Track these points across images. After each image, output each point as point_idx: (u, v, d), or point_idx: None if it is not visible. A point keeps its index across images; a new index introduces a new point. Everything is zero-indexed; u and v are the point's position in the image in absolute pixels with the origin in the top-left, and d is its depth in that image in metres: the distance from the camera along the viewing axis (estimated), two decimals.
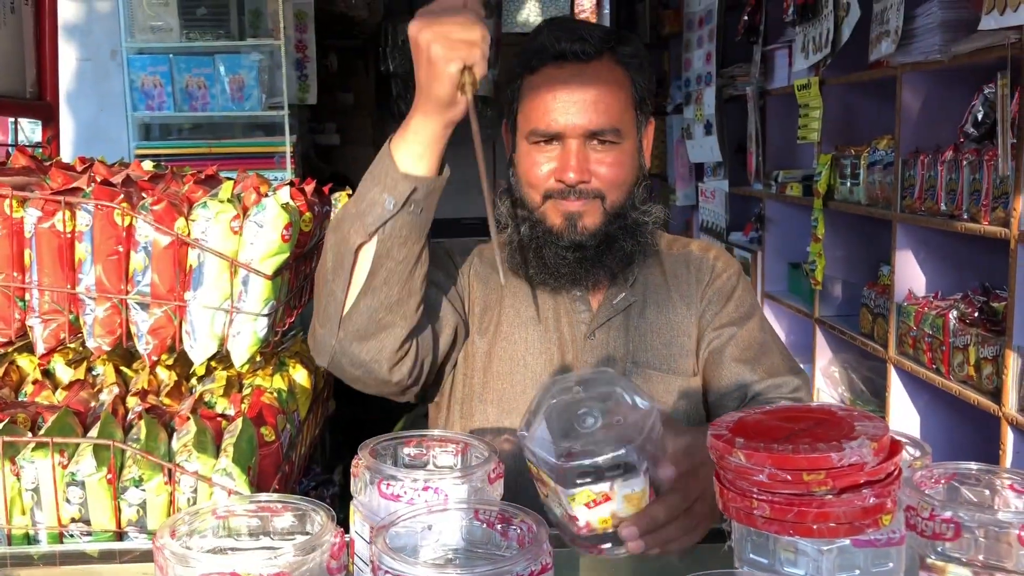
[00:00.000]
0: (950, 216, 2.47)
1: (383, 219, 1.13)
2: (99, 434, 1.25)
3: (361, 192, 1.16)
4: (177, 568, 0.70)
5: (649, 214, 1.36)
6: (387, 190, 1.13)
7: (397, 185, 1.13)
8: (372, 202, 1.14)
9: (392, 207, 1.13)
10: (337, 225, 1.19)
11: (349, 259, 1.16)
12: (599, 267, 1.34)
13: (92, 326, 1.26)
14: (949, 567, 0.78)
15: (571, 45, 1.29)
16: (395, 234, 1.14)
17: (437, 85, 1.07)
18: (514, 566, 0.68)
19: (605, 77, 1.30)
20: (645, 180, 1.38)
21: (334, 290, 1.19)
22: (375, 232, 1.14)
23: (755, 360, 1.37)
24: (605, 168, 1.30)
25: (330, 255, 1.19)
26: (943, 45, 2.42)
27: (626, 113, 1.32)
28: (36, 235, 1.23)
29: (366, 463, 0.88)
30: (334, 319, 1.19)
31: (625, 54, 1.33)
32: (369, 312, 1.18)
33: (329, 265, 1.19)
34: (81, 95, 4.07)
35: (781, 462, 0.71)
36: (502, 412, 1.35)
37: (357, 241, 1.15)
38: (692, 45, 4.49)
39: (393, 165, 1.13)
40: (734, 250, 4.21)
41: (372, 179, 1.15)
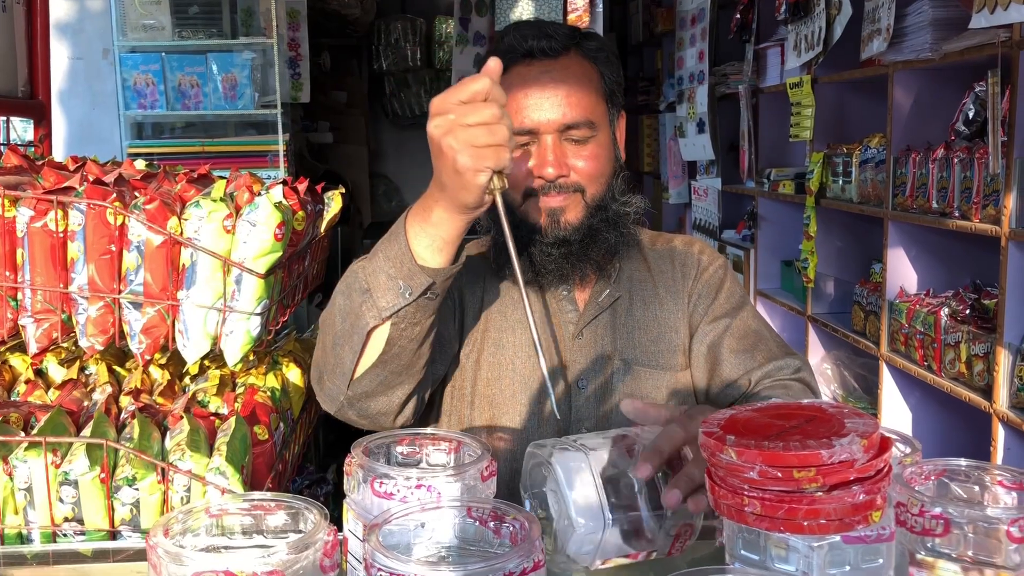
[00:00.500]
0: (941, 214, 2.48)
1: (397, 307, 1.10)
2: (92, 433, 1.24)
3: (376, 266, 1.11)
4: (170, 567, 0.70)
5: (630, 204, 1.37)
6: (403, 278, 1.09)
7: (414, 277, 1.09)
8: (386, 287, 1.10)
9: (409, 297, 1.09)
10: (348, 290, 1.15)
11: (360, 337, 1.13)
12: (585, 261, 1.34)
13: (85, 325, 1.26)
14: (939, 563, 0.79)
15: (538, 42, 1.31)
16: (409, 318, 1.12)
17: (465, 194, 1.03)
18: (507, 563, 0.68)
19: (574, 71, 1.32)
20: (622, 171, 1.39)
21: (342, 356, 1.16)
22: (389, 318, 1.11)
23: (753, 348, 1.37)
24: (583, 161, 1.31)
25: (338, 318, 1.16)
26: (934, 43, 2.43)
27: (598, 106, 1.34)
28: (28, 234, 1.23)
29: (359, 461, 0.88)
30: (343, 378, 1.17)
31: (591, 48, 1.35)
32: (379, 378, 1.17)
33: (338, 327, 1.16)
34: (73, 94, 4.06)
35: (772, 459, 0.72)
36: (493, 416, 1.35)
37: (370, 324, 1.11)
38: (685, 43, 4.50)
39: (410, 255, 1.09)
40: (727, 248, 4.22)
41: (387, 258, 1.11)
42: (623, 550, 0.96)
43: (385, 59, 6.27)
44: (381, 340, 1.13)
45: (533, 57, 1.31)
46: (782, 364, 1.36)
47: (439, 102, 1.02)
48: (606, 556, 0.96)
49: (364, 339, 1.13)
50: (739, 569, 0.70)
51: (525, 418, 1.34)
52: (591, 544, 0.94)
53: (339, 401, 1.20)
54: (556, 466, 0.95)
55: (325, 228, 1.74)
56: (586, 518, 0.93)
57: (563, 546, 0.94)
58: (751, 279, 3.97)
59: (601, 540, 0.94)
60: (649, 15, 5.42)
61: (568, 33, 1.34)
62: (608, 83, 1.36)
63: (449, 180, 1.03)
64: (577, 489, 0.94)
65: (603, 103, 1.35)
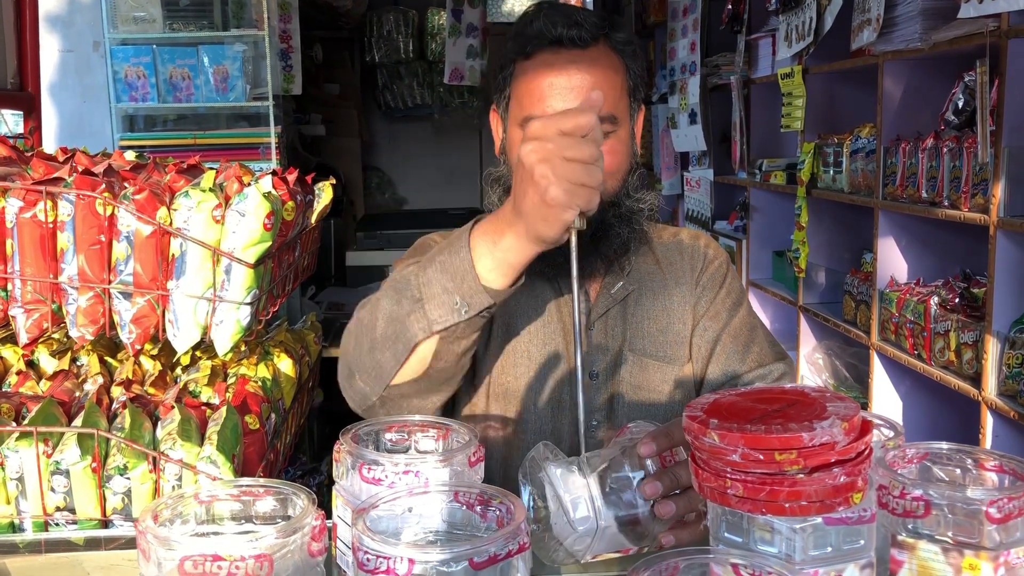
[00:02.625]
0: (931, 203, 2.49)
1: (451, 323, 1.07)
2: (84, 423, 1.25)
3: (432, 277, 1.07)
4: (160, 551, 0.71)
5: (644, 201, 1.35)
6: (461, 295, 1.05)
7: (474, 296, 1.05)
8: (440, 300, 1.06)
9: (465, 314, 1.06)
10: (398, 296, 1.10)
11: (406, 347, 1.09)
12: (595, 255, 1.34)
13: (75, 316, 1.26)
14: (920, 544, 0.80)
15: (568, 31, 1.27)
16: (459, 334, 1.09)
17: (546, 227, 0.99)
18: (491, 546, 0.69)
19: (602, 63, 1.29)
20: (638, 168, 1.37)
21: (382, 362, 1.13)
22: (439, 333, 1.08)
23: (744, 349, 1.38)
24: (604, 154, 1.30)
25: (381, 322, 1.12)
26: (923, 33, 2.43)
27: (621, 100, 1.31)
28: (18, 225, 1.23)
29: (347, 448, 0.89)
30: (378, 382, 1.15)
31: (619, 40, 1.32)
32: (419, 387, 1.15)
33: (380, 331, 1.12)
34: (64, 87, 4.04)
35: (754, 442, 0.72)
36: (507, 403, 1.35)
37: (419, 336, 1.08)
38: (677, 34, 4.50)
39: (473, 274, 1.04)
40: (719, 238, 4.23)
41: (445, 271, 1.06)
42: (616, 545, 0.98)
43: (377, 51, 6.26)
44: (427, 353, 1.10)
45: (561, 45, 1.27)
46: (766, 372, 1.37)
47: (540, 127, 0.97)
48: (599, 552, 0.98)
49: (409, 350, 1.09)
50: (721, 550, 0.71)
51: (540, 405, 1.34)
52: (583, 544, 0.95)
53: (371, 401, 1.17)
54: (551, 467, 0.96)
55: (316, 219, 1.74)
56: (582, 523, 0.94)
57: (559, 539, 0.95)
58: (743, 270, 3.99)
59: (594, 540, 0.95)
60: (641, 6, 5.42)
61: (598, 23, 1.30)
62: (633, 77, 1.34)
63: (533, 210, 0.98)
64: (571, 491, 0.94)
65: (626, 98, 1.33)
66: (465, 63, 5.34)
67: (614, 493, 0.96)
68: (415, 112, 6.51)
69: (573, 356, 1.35)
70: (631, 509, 0.96)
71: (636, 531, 0.97)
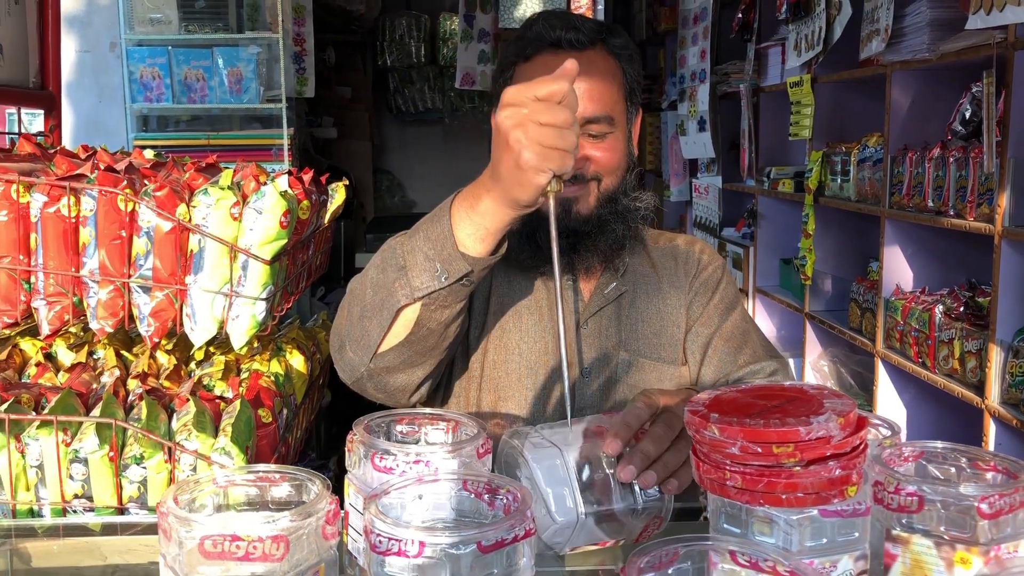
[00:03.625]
0: (937, 212, 2.52)
1: (431, 289, 1.10)
2: (101, 414, 1.28)
3: (415, 245, 1.11)
4: (180, 531, 0.74)
5: (640, 200, 1.39)
6: (441, 261, 1.09)
7: (453, 262, 1.08)
8: (423, 267, 1.10)
9: (444, 281, 1.09)
10: (383, 264, 1.15)
11: (390, 313, 1.13)
12: (592, 252, 1.37)
13: (95, 308, 1.29)
14: (913, 538, 0.82)
15: (566, 34, 1.31)
16: (441, 301, 1.12)
17: (520, 190, 1.02)
18: (499, 530, 0.72)
19: (599, 66, 1.33)
20: (635, 168, 1.41)
21: (369, 329, 1.17)
22: (422, 299, 1.11)
23: (737, 350, 1.41)
24: (600, 153, 1.33)
25: (369, 290, 1.16)
26: (931, 44, 2.46)
27: (618, 103, 1.35)
28: (42, 219, 1.26)
29: (360, 438, 0.92)
30: (366, 351, 1.18)
31: (616, 45, 1.36)
32: (403, 356, 1.18)
33: (368, 299, 1.16)
34: (81, 86, 4.10)
35: (752, 435, 0.75)
36: (498, 399, 1.38)
37: (402, 302, 1.12)
38: (687, 42, 4.53)
39: (452, 240, 1.08)
40: (727, 245, 4.25)
41: (427, 239, 1.10)
42: (595, 538, 1.00)
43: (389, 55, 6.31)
44: (410, 320, 1.14)
45: (559, 48, 1.32)
46: (758, 368, 1.40)
47: (514, 93, 1.00)
48: (577, 544, 1.00)
49: (393, 316, 1.13)
50: (719, 538, 0.74)
51: (530, 402, 1.37)
52: (562, 536, 0.98)
53: (359, 372, 1.21)
54: (530, 462, 0.98)
55: (329, 219, 1.78)
56: (560, 514, 0.97)
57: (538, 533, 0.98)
58: (750, 277, 4.01)
59: (573, 532, 0.98)
60: (652, 13, 5.46)
61: (595, 28, 1.35)
62: (629, 81, 1.38)
63: (508, 173, 1.02)
64: (552, 486, 0.97)
65: (623, 100, 1.37)
66: (476, 68, 5.38)
67: (594, 487, 0.99)
68: (426, 116, 6.56)
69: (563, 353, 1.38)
70: (611, 503, 0.99)
71: (615, 524, 1.00)
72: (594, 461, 1.00)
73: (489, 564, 0.72)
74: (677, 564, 0.71)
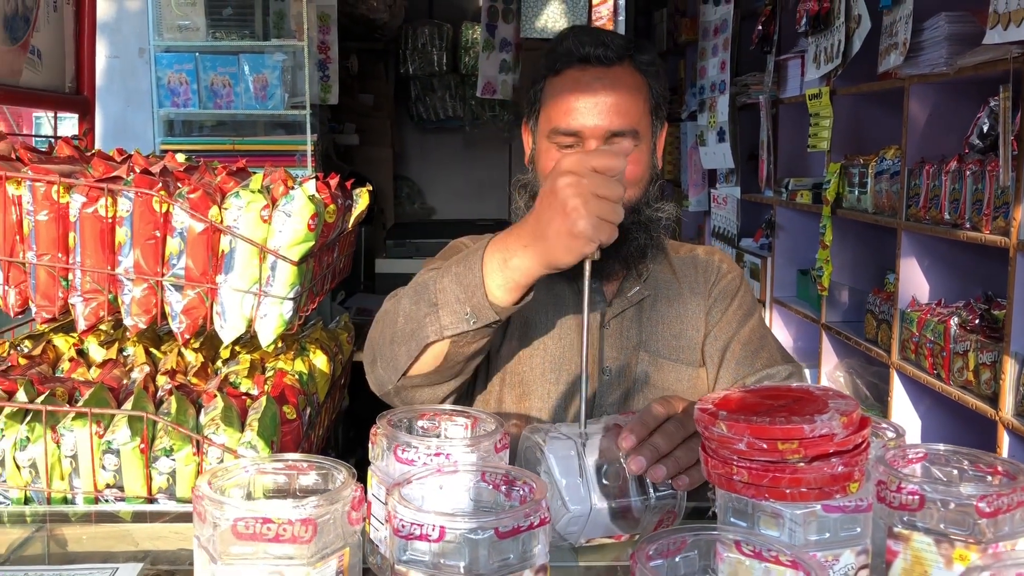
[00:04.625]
0: (953, 225, 2.53)
1: (460, 331, 1.15)
2: (133, 407, 1.33)
3: (447, 285, 1.16)
4: (214, 513, 0.78)
5: (662, 211, 1.44)
6: (471, 307, 1.13)
7: (482, 310, 1.13)
8: (453, 309, 1.15)
9: (472, 324, 1.15)
10: (417, 297, 1.19)
11: (418, 345, 1.19)
12: (614, 259, 1.41)
13: (130, 305, 1.35)
14: (914, 535, 0.86)
15: (595, 50, 1.36)
16: (468, 340, 1.18)
17: (565, 255, 1.06)
18: (516, 517, 0.75)
19: (626, 82, 1.37)
20: (658, 180, 1.46)
21: (398, 355, 1.22)
22: (450, 338, 1.17)
23: (754, 354, 1.45)
24: None
25: (402, 318, 1.21)
26: (949, 58, 2.48)
27: (643, 117, 1.40)
28: (80, 219, 1.32)
29: (383, 431, 0.96)
30: (395, 372, 1.25)
31: (643, 61, 1.41)
32: (429, 381, 1.26)
33: (399, 326, 1.21)
34: (109, 91, 4.18)
35: (758, 432, 0.79)
36: (523, 393, 1.43)
37: (431, 338, 1.17)
38: (707, 53, 4.56)
39: (482, 290, 1.12)
40: (744, 256, 4.27)
41: (459, 283, 1.14)
42: (610, 531, 1.04)
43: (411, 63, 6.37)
44: (438, 353, 1.20)
45: (588, 63, 1.37)
46: (773, 372, 1.44)
47: (575, 162, 1.05)
48: (592, 536, 1.04)
49: (421, 349, 1.19)
50: (725, 528, 0.77)
51: (554, 397, 1.42)
52: (577, 526, 1.02)
53: (387, 388, 1.29)
54: (548, 454, 1.03)
55: (353, 223, 1.82)
56: (575, 503, 1.01)
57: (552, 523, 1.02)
58: (767, 287, 4.02)
59: (587, 523, 1.02)
60: (673, 24, 5.49)
61: (624, 44, 1.39)
62: (655, 96, 1.42)
63: (556, 238, 1.05)
64: (567, 476, 1.02)
65: (648, 115, 1.41)
66: (498, 77, 5.43)
67: (608, 480, 1.03)
68: (446, 124, 6.62)
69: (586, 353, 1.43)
70: (624, 497, 1.03)
71: (629, 518, 1.04)
72: (609, 456, 1.04)
73: (505, 550, 0.76)
74: (684, 552, 0.75)
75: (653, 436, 1.06)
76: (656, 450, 1.04)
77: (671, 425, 1.08)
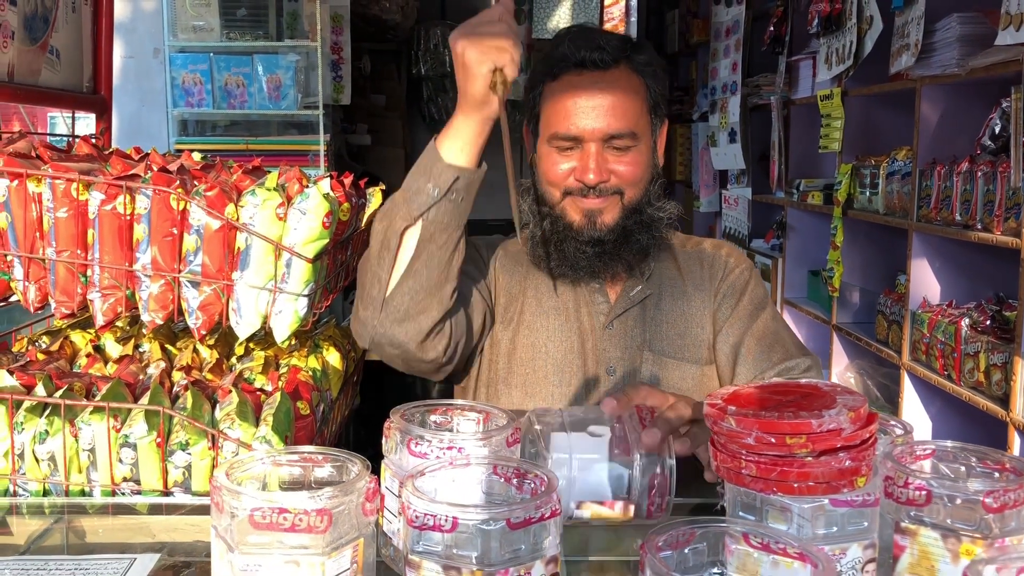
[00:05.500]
0: (964, 226, 2.54)
1: (427, 205, 1.25)
2: (150, 402, 1.35)
3: (408, 184, 1.28)
4: (232, 503, 0.80)
5: (664, 210, 1.45)
6: (432, 179, 1.24)
7: (441, 174, 1.24)
8: (417, 190, 1.26)
9: (436, 194, 1.24)
10: (383, 214, 1.30)
11: (395, 241, 1.27)
12: (616, 260, 1.43)
13: (147, 301, 1.37)
14: (921, 530, 0.86)
15: (590, 54, 1.38)
16: (438, 220, 1.26)
17: (471, 84, 1.19)
18: (527, 509, 0.77)
19: (622, 84, 1.39)
20: (659, 178, 1.47)
21: (378, 272, 1.29)
22: (420, 216, 1.25)
23: (769, 349, 1.45)
24: (623, 167, 1.39)
25: (376, 241, 1.30)
26: (961, 59, 2.48)
27: (642, 117, 1.41)
28: (99, 216, 1.34)
29: (397, 425, 0.97)
30: (377, 300, 1.30)
31: (640, 62, 1.42)
32: (410, 294, 1.28)
33: (375, 250, 1.30)
34: (124, 91, 4.21)
35: (767, 427, 0.80)
36: (525, 395, 1.45)
37: (403, 225, 1.26)
38: (719, 54, 4.57)
39: (438, 156, 1.25)
40: (755, 256, 4.28)
41: (418, 171, 1.27)
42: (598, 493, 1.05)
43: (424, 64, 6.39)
44: (412, 241, 1.27)
45: (584, 67, 1.39)
46: (792, 365, 1.44)
47: (463, 24, 1.21)
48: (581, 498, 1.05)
49: (398, 242, 1.27)
50: (733, 521, 0.78)
51: (556, 399, 1.43)
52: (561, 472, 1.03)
53: (372, 328, 1.32)
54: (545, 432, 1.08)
55: (366, 222, 1.84)
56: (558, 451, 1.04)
57: None
58: (778, 288, 4.03)
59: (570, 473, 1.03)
60: (685, 26, 5.50)
61: (620, 46, 1.41)
62: (653, 96, 1.44)
63: (460, 77, 1.20)
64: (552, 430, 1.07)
65: (647, 115, 1.43)
66: None
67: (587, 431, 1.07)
68: None
69: (587, 354, 1.44)
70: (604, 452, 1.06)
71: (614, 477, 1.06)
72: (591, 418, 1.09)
73: (517, 540, 0.77)
74: (693, 544, 0.76)
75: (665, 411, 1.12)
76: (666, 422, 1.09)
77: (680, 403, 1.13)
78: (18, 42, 1.74)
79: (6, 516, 1.23)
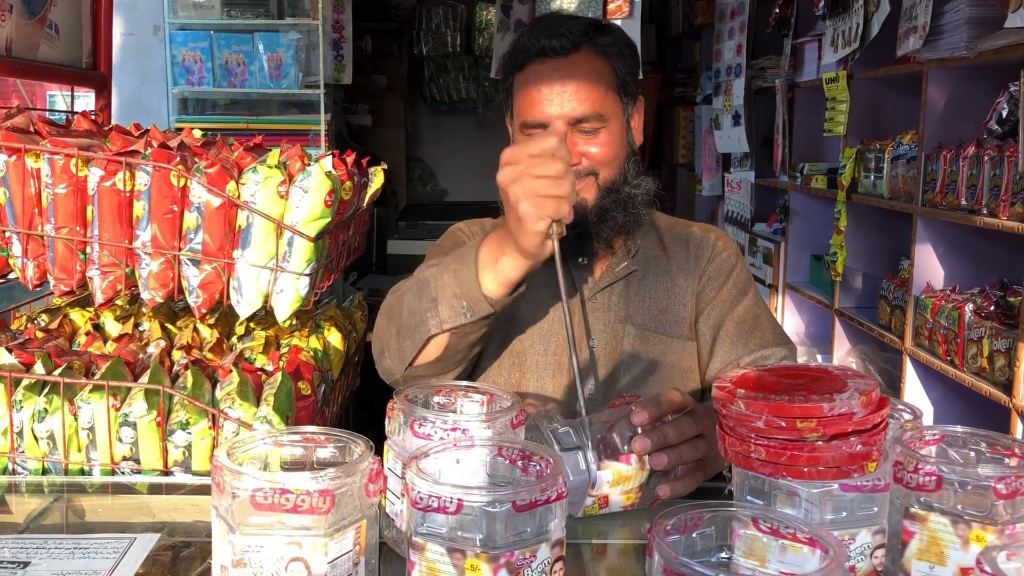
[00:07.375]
0: (970, 211, 2.51)
1: (458, 324, 1.23)
2: (149, 381, 1.34)
3: (446, 282, 1.23)
4: (233, 483, 0.79)
5: (640, 187, 1.45)
6: (467, 300, 1.21)
7: (477, 304, 1.21)
8: (451, 304, 1.23)
9: (469, 317, 1.22)
10: (419, 293, 1.27)
11: (422, 338, 1.26)
12: (596, 239, 1.45)
13: (147, 279, 1.35)
14: (930, 516, 0.85)
15: (550, 41, 1.40)
16: (466, 331, 1.25)
17: (524, 239, 1.14)
18: (533, 491, 0.76)
19: (583, 68, 1.40)
20: (635, 156, 1.48)
21: (404, 348, 1.29)
22: (451, 331, 1.24)
23: (748, 335, 1.47)
24: (595, 148, 1.41)
25: (406, 312, 1.29)
26: (969, 42, 2.45)
27: (607, 98, 1.42)
28: (98, 193, 1.32)
29: (401, 406, 0.96)
30: (401, 363, 1.31)
31: (603, 44, 1.43)
32: (434, 369, 1.32)
33: (404, 320, 1.29)
34: (124, 69, 4.17)
35: (777, 410, 0.79)
36: (513, 364, 1.48)
37: (432, 331, 1.24)
38: (723, 36, 4.53)
39: (476, 285, 1.21)
40: (758, 240, 4.26)
41: (456, 279, 1.23)
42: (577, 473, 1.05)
43: (425, 44, 6.35)
44: (440, 344, 1.27)
45: (545, 55, 1.41)
46: (768, 353, 1.45)
47: (510, 153, 1.13)
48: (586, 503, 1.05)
49: (424, 341, 1.26)
50: (742, 505, 0.77)
51: (542, 367, 1.46)
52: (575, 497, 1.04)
53: (395, 377, 1.35)
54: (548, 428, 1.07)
55: (368, 201, 1.82)
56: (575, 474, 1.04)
57: None
58: (781, 272, 4.01)
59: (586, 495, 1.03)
60: (689, 7, 5.45)
61: (581, 30, 1.42)
62: (620, 75, 1.45)
63: (513, 226, 1.14)
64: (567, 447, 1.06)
65: (614, 94, 1.44)
66: None
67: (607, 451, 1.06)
68: (460, 105, 6.60)
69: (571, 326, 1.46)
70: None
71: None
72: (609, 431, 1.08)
73: (522, 523, 0.76)
74: (701, 528, 0.75)
75: (665, 425, 1.09)
76: (664, 439, 1.08)
77: (685, 420, 1.11)
78: (16, 15, 1.72)
79: (5, 495, 1.22)
